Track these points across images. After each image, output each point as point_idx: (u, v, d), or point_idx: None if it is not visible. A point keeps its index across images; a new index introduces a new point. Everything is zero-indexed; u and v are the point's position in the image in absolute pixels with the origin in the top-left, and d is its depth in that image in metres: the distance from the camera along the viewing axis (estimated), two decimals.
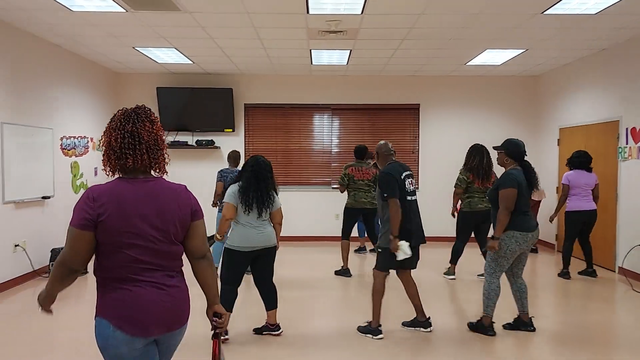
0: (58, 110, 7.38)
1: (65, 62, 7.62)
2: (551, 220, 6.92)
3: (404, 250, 4.33)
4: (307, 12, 5.75)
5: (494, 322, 4.61)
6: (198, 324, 4.72)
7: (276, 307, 4.56)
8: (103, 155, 2.17)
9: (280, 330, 4.58)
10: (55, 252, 6.80)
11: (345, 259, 6.92)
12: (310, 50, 7.63)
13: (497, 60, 8.24)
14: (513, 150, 4.54)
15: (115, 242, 2.03)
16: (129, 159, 2.08)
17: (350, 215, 6.90)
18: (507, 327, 4.72)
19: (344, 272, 6.91)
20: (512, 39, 6.92)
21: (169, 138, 9.57)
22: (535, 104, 9.71)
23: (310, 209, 9.68)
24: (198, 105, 9.43)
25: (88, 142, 8.29)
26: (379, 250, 4.56)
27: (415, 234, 4.50)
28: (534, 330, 4.63)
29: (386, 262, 4.52)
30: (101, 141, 2.18)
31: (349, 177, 6.82)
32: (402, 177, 4.47)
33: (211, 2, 5.47)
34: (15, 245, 6.34)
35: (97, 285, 2.12)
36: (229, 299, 4.32)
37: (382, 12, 5.78)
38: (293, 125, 9.84)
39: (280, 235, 4.58)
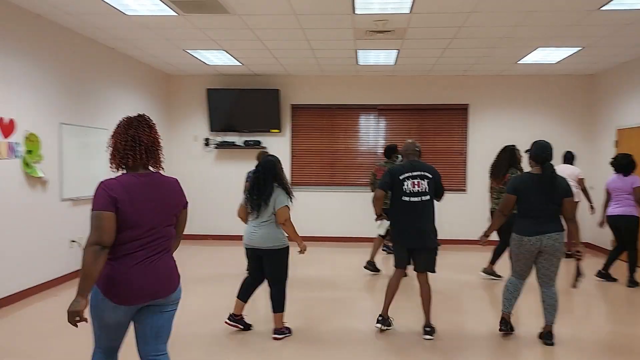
0: (113, 111, 7.65)
1: (120, 64, 7.90)
2: (600, 225, 6.82)
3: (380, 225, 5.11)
4: (353, 12, 5.74)
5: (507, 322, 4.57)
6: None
7: (278, 312, 4.48)
8: (110, 155, 2.61)
9: (280, 336, 4.47)
10: None
11: (372, 253, 7.00)
12: (357, 51, 7.60)
13: (551, 59, 7.97)
14: (534, 152, 4.38)
15: (123, 223, 2.45)
16: (130, 159, 2.55)
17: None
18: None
19: (372, 267, 6.97)
20: (567, 37, 6.67)
21: (218, 139, 9.76)
22: (591, 104, 9.33)
23: (356, 210, 9.63)
24: (246, 106, 9.57)
25: None
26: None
27: (409, 236, 4.51)
28: (551, 344, 4.36)
29: (396, 258, 4.67)
30: (109, 144, 2.61)
31: (374, 176, 7.01)
32: (402, 177, 4.48)
33: (259, 5, 5.54)
34: (72, 241, 6.61)
35: None
36: (243, 285, 4.62)
37: (431, 11, 5.69)
38: (339, 126, 9.83)
39: (326, 235, 4.58)
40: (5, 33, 5.45)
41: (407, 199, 4.47)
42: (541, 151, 4.32)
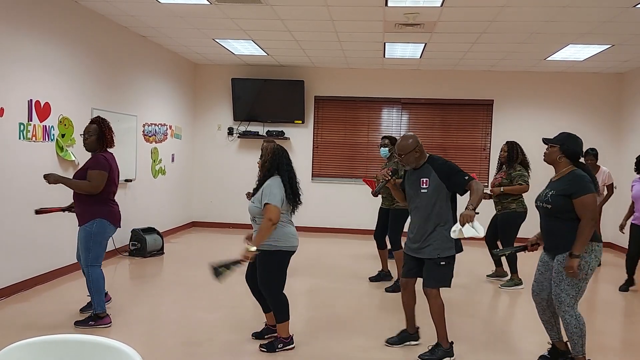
0: (142, 98, 7.76)
1: (150, 53, 8.00)
2: (621, 229, 6.54)
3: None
4: (386, 4, 5.74)
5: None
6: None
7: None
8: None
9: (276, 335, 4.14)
10: (135, 232, 7.18)
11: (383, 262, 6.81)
12: (385, 44, 7.60)
13: (580, 56, 7.89)
14: (572, 147, 3.62)
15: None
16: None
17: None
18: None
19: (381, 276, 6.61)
20: (599, 34, 6.61)
21: (241, 128, 9.83)
22: (619, 103, 9.23)
23: (378, 204, 9.64)
24: (270, 97, 9.62)
25: (167, 129, 8.67)
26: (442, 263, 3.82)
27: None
28: None
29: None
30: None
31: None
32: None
33: None
34: None
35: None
36: None
37: (463, 5, 5.68)
38: (362, 119, 9.86)
39: (346, 228, 4.44)
40: (42, 19, 5.54)
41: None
42: (579, 147, 3.67)
